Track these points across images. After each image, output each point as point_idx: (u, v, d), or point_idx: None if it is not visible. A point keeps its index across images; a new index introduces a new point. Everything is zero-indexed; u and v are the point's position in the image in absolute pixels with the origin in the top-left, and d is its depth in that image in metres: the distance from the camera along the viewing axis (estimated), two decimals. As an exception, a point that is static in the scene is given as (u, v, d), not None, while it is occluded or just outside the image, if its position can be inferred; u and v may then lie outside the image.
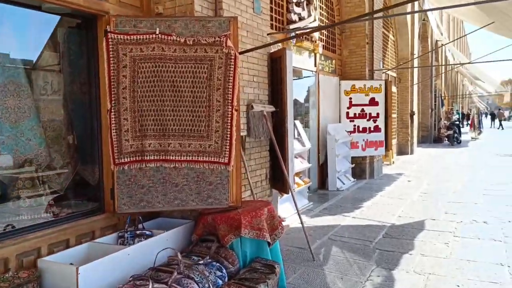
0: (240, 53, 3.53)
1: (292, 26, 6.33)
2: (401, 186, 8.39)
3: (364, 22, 8.63)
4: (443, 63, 23.83)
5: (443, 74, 24.04)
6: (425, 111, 19.01)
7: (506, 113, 66.70)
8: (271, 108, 4.77)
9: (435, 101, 20.05)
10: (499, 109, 39.55)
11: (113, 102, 3.22)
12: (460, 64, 18.85)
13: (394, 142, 13.25)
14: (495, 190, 7.68)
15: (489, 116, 56.25)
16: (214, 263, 3.13)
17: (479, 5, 6.64)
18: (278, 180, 5.07)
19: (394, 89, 13.07)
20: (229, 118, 3.34)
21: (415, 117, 14.40)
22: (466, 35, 20.13)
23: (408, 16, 13.21)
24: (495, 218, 5.65)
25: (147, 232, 3.37)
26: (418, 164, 11.63)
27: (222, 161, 3.37)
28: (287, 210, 5.87)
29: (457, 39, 25.16)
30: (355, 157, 8.93)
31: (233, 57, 3.31)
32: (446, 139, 18.72)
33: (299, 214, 4.41)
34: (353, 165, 8.79)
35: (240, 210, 3.43)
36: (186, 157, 3.34)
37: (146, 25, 3.22)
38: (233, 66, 3.31)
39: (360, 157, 9.05)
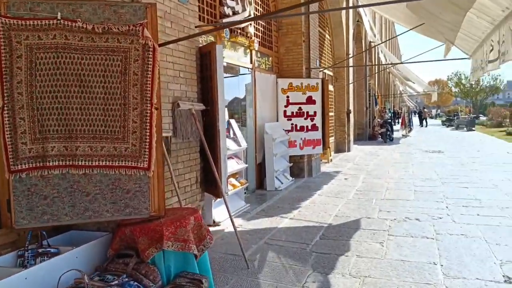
0: (160, 45, 3.16)
1: (225, 20, 6.03)
2: (338, 184, 8.42)
3: (301, 19, 8.55)
4: (376, 63, 24.83)
5: (376, 74, 25.04)
6: (360, 110, 19.62)
7: (433, 111, 71.78)
8: (201, 106, 4.44)
9: (369, 100, 20.77)
10: (423, 108, 42.28)
11: (5, 98, 2.72)
12: (391, 64, 19.69)
13: (331, 140, 13.45)
14: (424, 186, 7.94)
15: (417, 115, 59.96)
16: (132, 282, 2.75)
17: (410, 7, 6.78)
18: (211, 184, 4.76)
19: (331, 87, 13.26)
20: (148, 117, 2.97)
21: (352, 116, 14.74)
22: (397, 36, 21.10)
23: (343, 17, 13.47)
24: (426, 215, 5.76)
25: (52, 250, 2.90)
26: (355, 162, 11.85)
27: (141, 166, 2.99)
28: (223, 214, 5.57)
29: (388, 39, 26.33)
30: (293, 156, 8.84)
31: (151, 49, 2.94)
32: (380, 136, 19.47)
33: (232, 220, 4.12)
34: (291, 164, 8.69)
35: (162, 220, 3.08)
36: (98, 162, 2.92)
37: (46, 9, 2.75)
38: (151, 60, 2.94)
39: (298, 156, 8.98)
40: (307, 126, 8.87)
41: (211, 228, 4.69)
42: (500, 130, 25.35)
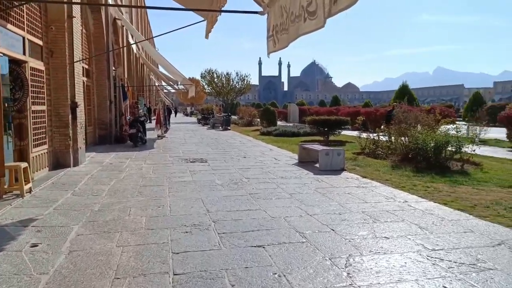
0: None
1: None
2: None
3: None
4: (126, 49, 20.36)
5: (126, 62, 20.56)
6: (102, 104, 14.79)
7: (188, 109, 72.74)
8: None
9: (115, 92, 16.16)
10: (179, 105, 40.85)
11: None
12: (137, 42, 15.62)
13: (41, 151, 8.24)
14: (190, 251, 4.08)
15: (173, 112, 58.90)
16: None
17: None
18: None
19: (37, 64, 8.05)
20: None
21: (81, 111, 9.82)
22: (146, 7, 17.16)
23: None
24: None
25: None
26: (77, 189, 7.14)
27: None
28: None
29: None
30: None
31: None
32: (129, 139, 15.20)
33: None
34: None
35: None
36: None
37: None
38: None
39: None
40: None
41: None
42: (253, 130, 25.15)
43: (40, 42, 8.30)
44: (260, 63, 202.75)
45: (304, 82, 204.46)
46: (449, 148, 9.65)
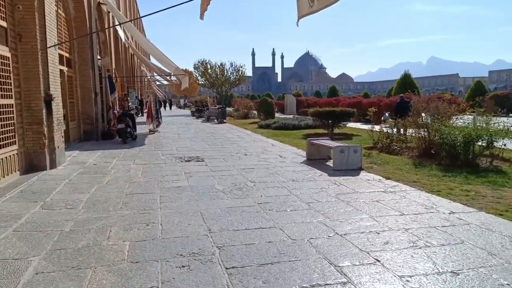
0: None
1: None
2: None
3: None
4: (113, 38, 18.96)
5: (113, 52, 19.16)
6: (87, 97, 13.46)
7: (182, 101, 71.22)
8: None
9: (101, 84, 14.81)
10: (172, 98, 39.49)
11: None
12: (121, 23, 14.31)
13: (7, 152, 6.97)
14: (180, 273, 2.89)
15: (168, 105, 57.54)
16: None
17: None
18: None
19: (3, 51, 6.75)
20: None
21: (57, 104, 8.52)
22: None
23: None
24: None
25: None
26: (49, 200, 5.92)
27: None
28: None
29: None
30: None
31: None
32: (118, 134, 13.89)
33: None
34: None
35: None
36: None
37: None
38: None
39: None
40: None
41: None
42: (251, 122, 23.90)
43: (3, 24, 6.98)
44: (253, 54, 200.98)
45: (298, 73, 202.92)
46: (479, 143, 8.52)
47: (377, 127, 11.96)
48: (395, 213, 5.13)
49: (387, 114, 24.05)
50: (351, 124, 19.26)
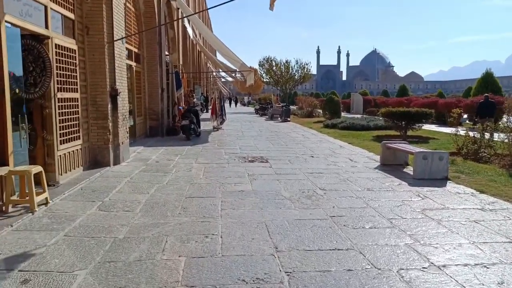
0: None
1: None
2: None
3: None
4: (181, 34, 19.06)
5: (181, 48, 19.27)
6: (153, 93, 13.49)
7: (245, 99, 71.74)
8: None
9: (167, 79, 14.82)
10: (237, 95, 39.49)
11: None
12: (186, 16, 14.15)
13: (71, 147, 6.86)
14: None
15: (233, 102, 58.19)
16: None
17: None
18: None
19: (68, 43, 6.63)
20: None
21: (122, 99, 8.38)
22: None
23: None
24: None
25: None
26: (109, 199, 5.65)
27: None
28: None
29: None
30: None
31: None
32: (182, 131, 13.78)
33: None
34: None
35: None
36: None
37: None
38: None
39: None
40: None
41: None
42: (315, 121, 23.00)
43: (71, 16, 6.88)
44: (318, 52, 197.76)
45: (364, 71, 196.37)
46: None
47: (461, 131, 10.62)
48: (502, 239, 4.17)
49: (465, 116, 21.99)
50: (425, 126, 17.70)
